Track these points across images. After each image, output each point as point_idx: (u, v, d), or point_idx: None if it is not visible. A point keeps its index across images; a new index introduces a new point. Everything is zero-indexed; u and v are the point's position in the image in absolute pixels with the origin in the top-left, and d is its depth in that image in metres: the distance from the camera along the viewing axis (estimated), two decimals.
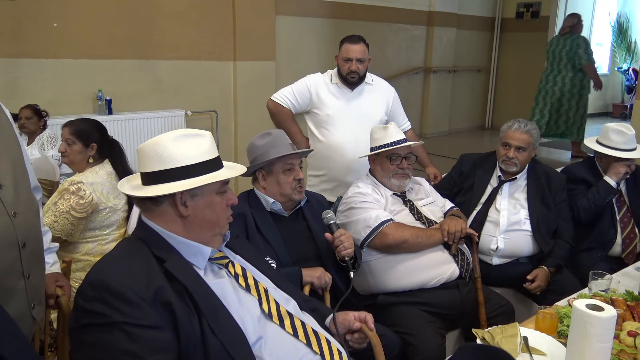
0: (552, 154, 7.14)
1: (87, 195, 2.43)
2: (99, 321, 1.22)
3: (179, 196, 1.39)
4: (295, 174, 2.22)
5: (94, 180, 2.49)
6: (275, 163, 2.20)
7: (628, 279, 2.28)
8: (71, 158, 2.56)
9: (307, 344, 1.47)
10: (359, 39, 3.06)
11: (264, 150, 2.20)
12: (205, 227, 1.44)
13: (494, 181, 2.88)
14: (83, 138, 2.54)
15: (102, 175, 2.53)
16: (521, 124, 2.79)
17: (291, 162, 2.22)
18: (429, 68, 7.89)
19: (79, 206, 2.42)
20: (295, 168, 2.23)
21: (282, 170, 2.20)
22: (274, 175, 2.21)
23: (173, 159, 1.39)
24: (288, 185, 2.21)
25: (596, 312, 1.43)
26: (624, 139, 2.81)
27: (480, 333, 1.71)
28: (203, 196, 1.42)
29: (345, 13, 6.45)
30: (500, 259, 2.74)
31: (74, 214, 2.41)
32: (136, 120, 4.82)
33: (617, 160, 2.83)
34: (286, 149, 2.20)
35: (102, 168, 2.56)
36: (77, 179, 2.48)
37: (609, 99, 11.14)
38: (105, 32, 4.61)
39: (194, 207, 1.41)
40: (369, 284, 2.47)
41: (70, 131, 2.54)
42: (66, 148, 2.55)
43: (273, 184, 2.22)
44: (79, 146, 2.54)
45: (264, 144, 2.21)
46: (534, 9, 8.49)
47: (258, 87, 5.34)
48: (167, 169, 1.39)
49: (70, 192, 2.43)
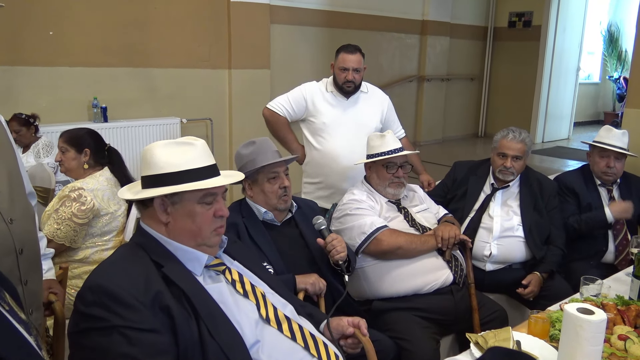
0: (544, 162, 7.20)
1: (89, 201, 2.44)
2: (98, 325, 1.24)
3: (160, 202, 1.42)
4: (280, 182, 2.19)
5: (94, 187, 2.50)
6: (259, 172, 2.18)
7: (619, 284, 2.31)
8: (67, 165, 2.58)
9: (305, 347, 1.48)
10: (356, 49, 3.09)
11: (248, 159, 2.19)
12: (186, 236, 1.44)
13: (487, 188, 2.91)
14: (75, 144, 2.56)
15: (102, 182, 2.54)
16: (515, 133, 2.82)
17: (275, 171, 2.19)
18: (422, 76, 7.95)
19: (80, 212, 2.43)
20: (280, 176, 2.20)
21: (267, 179, 2.18)
22: (259, 184, 2.20)
23: (158, 165, 1.42)
24: (274, 194, 2.18)
25: (587, 316, 1.45)
26: (609, 134, 2.98)
27: (474, 337, 1.73)
28: (182, 204, 1.43)
29: (339, 22, 6.49)
30: (493, 264, 2.77)
31: (76, 221, 2.42)
32: (131, 128, 4.82)
33: (601, 156, 2.97)
34: (272, 156, 2.18)
35: (102, 174, 2.58)
36: (77, 185, 2.49)
37: (601, 107, 11.25)
38: (100, 40, 4.63)
39: (174, 215, 1.43)
40: (364, 289, 2.49)
41: (63, 140, 2.58)
42: (61, 157, 2.57)
43: (259, 193, 2.21)
44: (72, 152, 2.56)
45: (249, 153, 2.20)
46: (525, 19, 8.58)
47: (253, 95, 5.37)
48: (152, 174, 1.42)
49: (71, 199, 2.44)
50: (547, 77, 8.37)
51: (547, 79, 8.40)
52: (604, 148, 2.96)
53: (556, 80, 8.51)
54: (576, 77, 8.94)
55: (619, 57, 10.55)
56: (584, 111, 10.75)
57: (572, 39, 8.58)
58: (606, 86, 11.16)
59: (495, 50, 8.96)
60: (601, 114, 11.11)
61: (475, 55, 8.93)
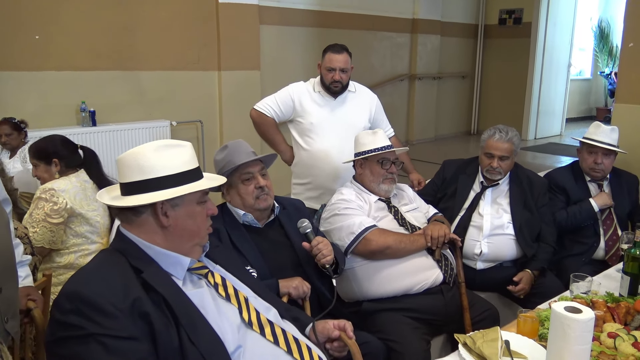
0: (537, 159, 7.20)
1: (61, 200, 2.42)
2: (75, 333, 1.21)
3: (160, 206, 1.39)
4: (255, 182, 2.15)
5: (65, 188, 2.49)
6: (232, 175, 2.15)
7: (609, 280, 2.30)
8: (42, 179, 2.60)
9: (288, 352, 1.46)
10: (342, 49, 3.07)
11: (223, 164, 2.16)
12: (186, 237, 1.44)
13: (477, 186, 2.90)
14: (43, 157, 2.55)
15: (75, 183, 2.53)
16: (502, 133, 2.80)
17: (248, 172, 2.15)
18: (413, 75, 7.94)
19: (53, 212, 2.41)
20: (255, 176, 2.15)
21: (241, 181, 2.15)
22: (234, 187, 2.17)
23: (154, 169, 1.39)
24: (249, 195, 2.14)
25: (574, 315, 1.43)
26: (597, 130, 2.99)
27: (462, 338, 1.71)
28: (184, 206, 1.42)
29: (329, 22, 6.47)
30: (484, 263, 2.76)
31: (50, 221, 2.40)
32: (121, 131, 4.78)
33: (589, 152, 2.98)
34: (246, 157, 2.14)
35: (77, 176, 2.56)
36: (48, 186, 2.48)
37: (593, 103, 11.27)
38: (87, 44, 4.59)
39: (174, 217, 1.41)
40: (353, 291, 2.46)
41: (31, 155, 2.58)
42: (35, 172, 2.56)
43: (235, 196, 2.18)
44: (42, 166, 2.56)
45: (222, 157, 2.17)
46: (516, 16, 8.58)
47: (243, 97, 5.34)
48: (147, 179, 1.39)
49: (43, 200, 2.43)
50: (538, 74, 8.38)
51: (539, 76, 8.40)
52: (592, 144, 2.95)
53: (547, 77, 8.51)
54: (567, 73, 8.95)
55: (610, 53, 10.57)
56: (576, 107, 10.77)
57: (563, 35, 8.58)
58: (598, 82, 11.18)
59: (486, 47, 8.96)
60: (593, 109, 11.13)
61: (466, 53, 8.93)
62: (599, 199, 2.94)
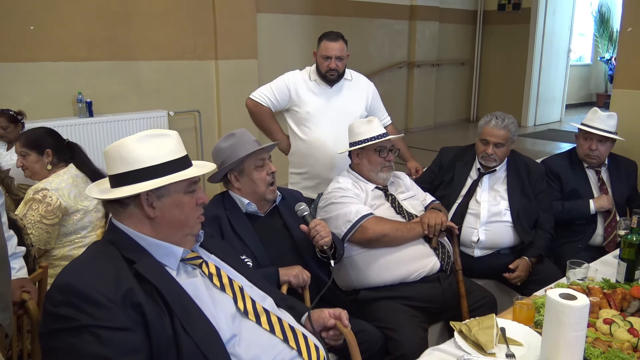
0: (537, 145, 7.18)
1: (54, 201, 2.40)
2: (68, 325, 1.21)
3: (145, 197, 1.38)
4: (268, 168, 2.19)
5: (58, 186, 2.46)
6: (245, 161, 2.16)
7: (606, 266, 2.30)
8: (31, 170, 2.54)
9: (284, 340, 1.46)
10: (338, 36, 3.04)
11: (230, 151, 2.16)
12: (174, 227, 1.43)
13: (474, 174, 2.89)
14: (35, 147, 2.52)
15: (67, 179, 2.50)
16: (498, 120, 2.78)
17: (262, 158, 2.19)
18: (412, 62, 7.90)
19: (48, 213, 2.39)
20: (267, 162, 2.20)
21: (254, 167, 2.17)
22: (247, 174, 2.18)
23: (137, 160, 1.38)
24: (262, 181, 2.17)
25: (569, 301, 1.43)
26: (594, 116, 2.98)
27: (458, 326, 1.71)
28: (170, 196, 1.41)
29: (327, 9, 6.43)
30: (481, 250, 2.75)
31: (46, 222, 2.39)
32: (118, 122, 4.76)
33: (585, 138, 2.97)
34: (252, 146, 2.16)
35: (67, 172, 2.53)
36: (40, 186, 2.45)
37: (593, 89, 11.23)
38: (83, 34, 4.55)
39: (161, 208, 1.40)
40: (350, 279, 2.46)
41: (21, 144, 2.53)
42: (22, 162, 2.52)
43: (247, 183, 2.19)
44: (33, 156, 2.52)
45: (230, 145, 2.17)
46: (515, 1, 8.52)
47: (241, 86, 5.30)
48: (131, 170, 1.38)
49: (37, 201, 2.40)
50: (537, 60, 8.34)
51: (538, 62, 8.36)
52: (587, 131, 2.94)
53: (547, 63, 8.48)
54: (567, 59, 8.91)
55: (610, 38, 10.51)
56: (576, 93, 10.74)
57: (563, 21, 8.53)
58: (598, 67, 11.13)
59: (485, 34, 8.91)
60: (593, 95, 11.09)
61: (465, 39, 8.88)
62: (599, 201, 2.90)
